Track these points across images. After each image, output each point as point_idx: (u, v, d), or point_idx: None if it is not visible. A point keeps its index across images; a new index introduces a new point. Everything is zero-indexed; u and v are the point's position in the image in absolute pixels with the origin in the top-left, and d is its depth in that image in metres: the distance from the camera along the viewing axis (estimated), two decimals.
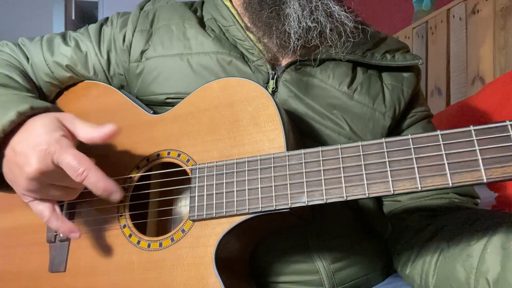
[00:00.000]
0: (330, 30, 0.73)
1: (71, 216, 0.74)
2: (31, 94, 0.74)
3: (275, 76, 0.77)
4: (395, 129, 0.83)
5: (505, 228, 0.58)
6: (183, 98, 0.73)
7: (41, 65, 0.84)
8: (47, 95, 0.86)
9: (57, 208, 0.65)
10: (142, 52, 0.82)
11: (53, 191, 0.64)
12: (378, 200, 0.84)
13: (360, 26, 0.76)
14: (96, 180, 0.59)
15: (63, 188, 0.64)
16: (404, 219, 0.79)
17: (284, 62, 0.80)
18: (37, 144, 0.60)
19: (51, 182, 0.63)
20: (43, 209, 0.64)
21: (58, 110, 0.69)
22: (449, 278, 0.63)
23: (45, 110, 0.66)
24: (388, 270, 0.82)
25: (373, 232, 0.81)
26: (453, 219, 0.70)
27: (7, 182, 0.66)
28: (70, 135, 0.64)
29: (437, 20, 1.96)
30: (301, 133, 0.74)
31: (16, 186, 0.64)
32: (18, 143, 0.62)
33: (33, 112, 0.64)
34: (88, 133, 0.64)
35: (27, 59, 0.85)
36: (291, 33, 0.72)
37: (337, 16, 0.73)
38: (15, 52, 0.85)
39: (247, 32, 0.79)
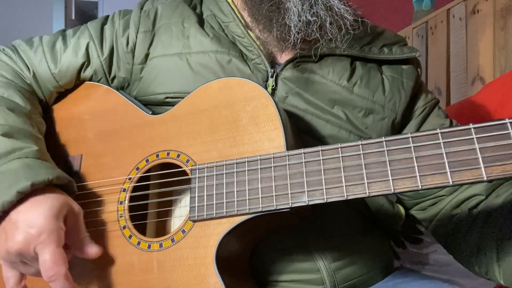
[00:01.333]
0: (330, 23, 0.73)
1: None
2: (30, 126, 0.73)
3: (274, 74, 0.77)
4: (406, 125, 0.83)
5: None
6: (182, 98, 0.73)
7: (46, 76, 0.82)
8: (48, 99, 0.85)
9: (23, 281, 0.66)
10: (147, 55, 0.81)
11: (26, 268, 0.64)
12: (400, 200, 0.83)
13: (360, 19, 0.76)
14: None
15: (35, 270, 0.64)
16: (451, 218, 0.77)
17: (282, 59, 0.80)
18: (31, 225, 0.61)
19: (26, 262, 0.63)
20: (10, 277, 0.65)
21: (61, 179, 0.67)
22: None
23: (46, 184, 0.65)
24: (388, 268, 0.82)
25: (374, 231, 0.81)
26: (497, 206, 0.70)
27: None
28: (66, 229, 0.65)
29: (437, 20, 1.96)
30: (300, 130, 0.74)
31: None
32: (17, 212, 0.63)
33: (33, 189, 0.63)
34: (82, 246, 0.66)
35: (28, 68, 0.82)
36: (291, 26, 0.72)
37: (336, 9, 0.73)
38: (14, 61, 0.83)
39: (247, 29, 0.79)
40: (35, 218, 0.61)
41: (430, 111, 0.85)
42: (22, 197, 0.63)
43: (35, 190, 0.63)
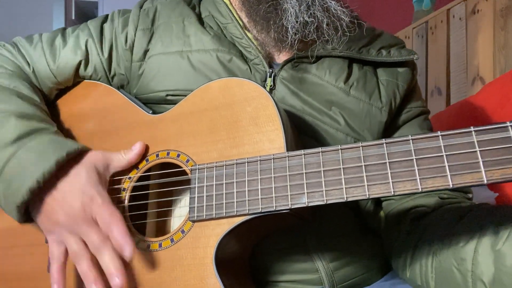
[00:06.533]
0: (327, 24, 0.74)
1: None
2: (42, 112, 0.75)
3: (273, 74, 0.77)
4: (391, 125, 0.83)
5: (493, 227, 0.59)
6: (183, 95, 0.73)
7: (45, 72, 0.82)
8: (47, 96, 0.85)
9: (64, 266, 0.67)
10: (145, 52, 0.82)
11: (73, 242, 0.64)
12: (377, 200, 0.84)
13: (356, 21, 0.77)
14: (116, 235, 0.61)
15: (80, 246, 0.64)
16: (397, 222, 0.78)
17: (280, 59, 0.80)
18: (83, 191, 0.65)
19: (79, 231, 0.64)
20: (59, 253, 0.66)
21: (87, 147, 0.71)
22: (449, 282, 0.63)
23: (79, 152, 0.68)
24: (386, 267, 0.82)
25: (371, 231, 0.81)
26: (440, 217, 0.70)
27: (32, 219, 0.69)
28: (105, 176, 0.70)
29: (437, 20, 1.96)
30: (298, 130, 0.74)
31: (52, 219, 0.66)
32: (61, 182, 0.66)
33: (68, 159, 0.66)
34: (123, 161, 0.71)
35: (28, 64, 0.82)
36: (288, 28, 0.73)
37: (333, 11, 0.74)
38: (14, 56, 0.83)
39: (245, 30, 0.79)
40: (83, 184, 0.65)
41: (412, 116, 0.85)
42: (59, 168, 0.65)
43: (69, 160, 0.66)
